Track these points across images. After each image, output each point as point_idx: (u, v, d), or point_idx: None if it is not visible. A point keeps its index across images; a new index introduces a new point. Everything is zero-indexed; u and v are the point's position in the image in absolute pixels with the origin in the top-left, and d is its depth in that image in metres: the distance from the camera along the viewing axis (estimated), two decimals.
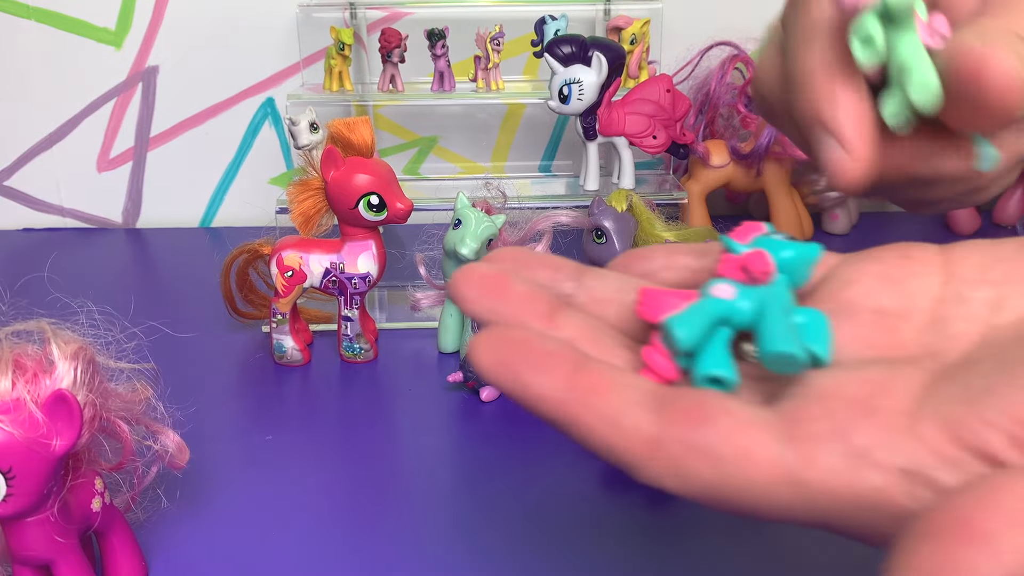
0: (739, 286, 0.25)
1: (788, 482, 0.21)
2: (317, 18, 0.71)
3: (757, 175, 0.70)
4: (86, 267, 0.71)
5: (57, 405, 0.30)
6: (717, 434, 0.22)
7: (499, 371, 0.24)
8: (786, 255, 0.26)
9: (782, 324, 0.24)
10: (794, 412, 0.22)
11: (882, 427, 0.21)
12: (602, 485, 0.43)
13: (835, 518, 0.22)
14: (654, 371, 0.25)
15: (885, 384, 0.23)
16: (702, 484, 0.22)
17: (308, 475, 0.44)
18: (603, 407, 0.23)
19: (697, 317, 0.25)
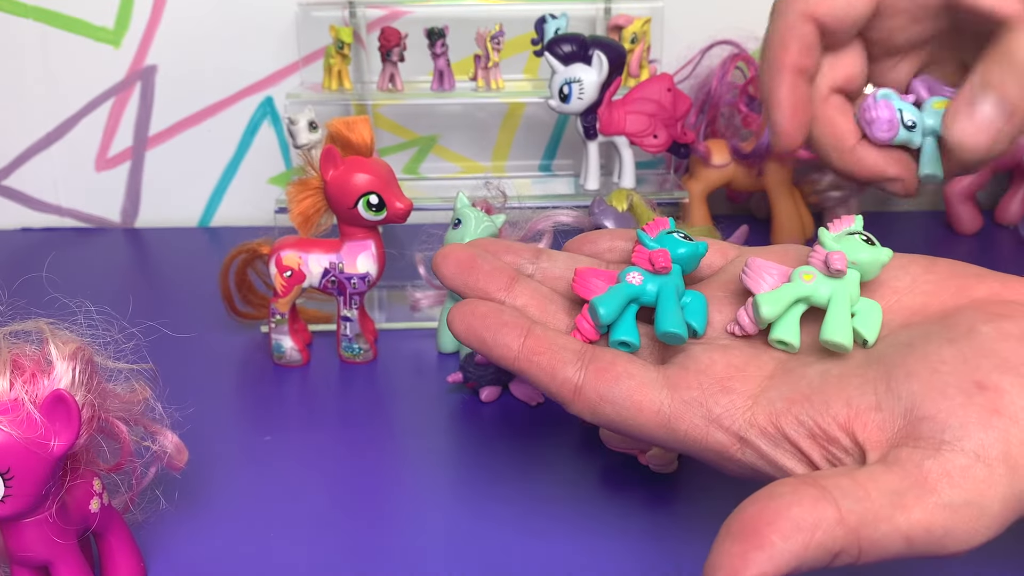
0: (646, 274, 0.35)
1: (664, 428, 0.31)
2: (316, 17, 0.71)
3: (758, 175, 0.70)
4: (84, 267, 0.71)
5: (55, 405, 0.30)
6: (620, 390, 0.32)
7: (469, 336, 0.34)
8: (681, 251, 0.36)
9: (674, 309, 0.34)
10: (676, 379, 0.32)
11: (732, 404, 0.31)
12: (602, 485, 0.42)
13: (694, 454, 0.32)
14: (582, 333, 0.35)
15: (742, 369, 0.32)
16: (608, 421, 0.32)
17: (307, 476, 0.44)
18: (543, 363, 0.33)
19: (615, 297, 0.34)
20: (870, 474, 0.27)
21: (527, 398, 0.49)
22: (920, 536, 0.26)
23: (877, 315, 0.32)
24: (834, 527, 0.25)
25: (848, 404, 0.29)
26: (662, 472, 0.43)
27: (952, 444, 0.27)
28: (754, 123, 0.68)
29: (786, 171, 0.70)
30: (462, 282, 0.36)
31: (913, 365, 0.29)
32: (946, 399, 0.28)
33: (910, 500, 0.26)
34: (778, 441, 0.30)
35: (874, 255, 0.33)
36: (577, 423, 0.47)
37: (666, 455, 0.42)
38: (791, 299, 0.32)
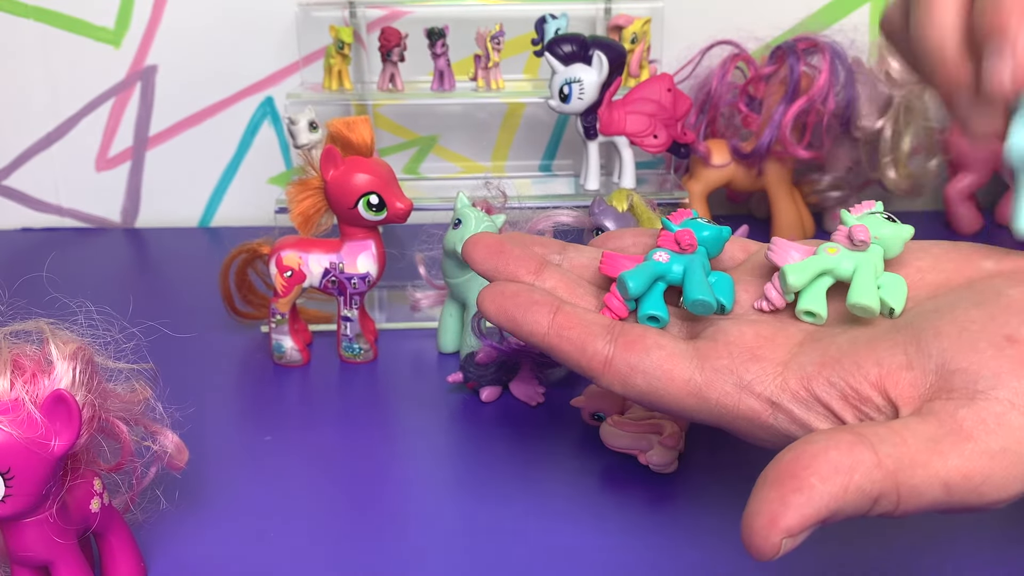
0: (672, 254, 0.36)
1: (696, 396, 0.32)
2: (316, 17, 0.71)
3: (758, 175, 0.70)
4: (85, 267, 0.71)
5: (56, 405, 0.30)
6: (651, 360, 0.32)
7: (500, 316, 0.34)
8: (706, 234, 0.37)
9: (701, 280, 0.34)
10: (706, 350, 0.32)
11: (762, 371, 0.31)
12: (602, 485, 0.42)
13: (726, 424, 0.32)
14: (611, 310, 0.35)
15: (772, 339, 0.32)
16: (638, 392, 0.32)
17: (307, 476, 0.44)
18: (573, 338, 0.33)
19: (643, 273, 0.35)
20: (905, 423, 0.27)
21: (527, 398, 0.49)
22: (958, 482, 0.26)
23: (902, 287, 0.33)
24: (872, 470, 0.25)
25: (879, 364, 0.29)
26: (662, 472, 0.43)
27: (986, 393, 0.27)
28: (754, 123, 0.68)
29: (786, 171, 0.70)
30: (492, 266, 0.37)
31: (942, 326, 0.29)
32: (977, 352, 0.28)
33: (947, 446, 0.26)
34: (810, 404, 0.30)
35: (896, 230, 0.34)
36: (577, 423, 0.47)
37: (666, 455, 0.42)
38: (817, 270, 0.33)
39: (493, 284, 0.35)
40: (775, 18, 0.74)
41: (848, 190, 0.72)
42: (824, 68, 0.65)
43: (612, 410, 0.45)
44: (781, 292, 0.34)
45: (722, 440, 0.46)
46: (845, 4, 0.75)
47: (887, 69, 0.68)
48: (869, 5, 0.75)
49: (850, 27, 0.72)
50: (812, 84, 0.66)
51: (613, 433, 0.43)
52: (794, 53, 0.66)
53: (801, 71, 0.66)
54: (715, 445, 0.45)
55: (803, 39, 0.67)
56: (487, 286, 0.35)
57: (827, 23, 0.74)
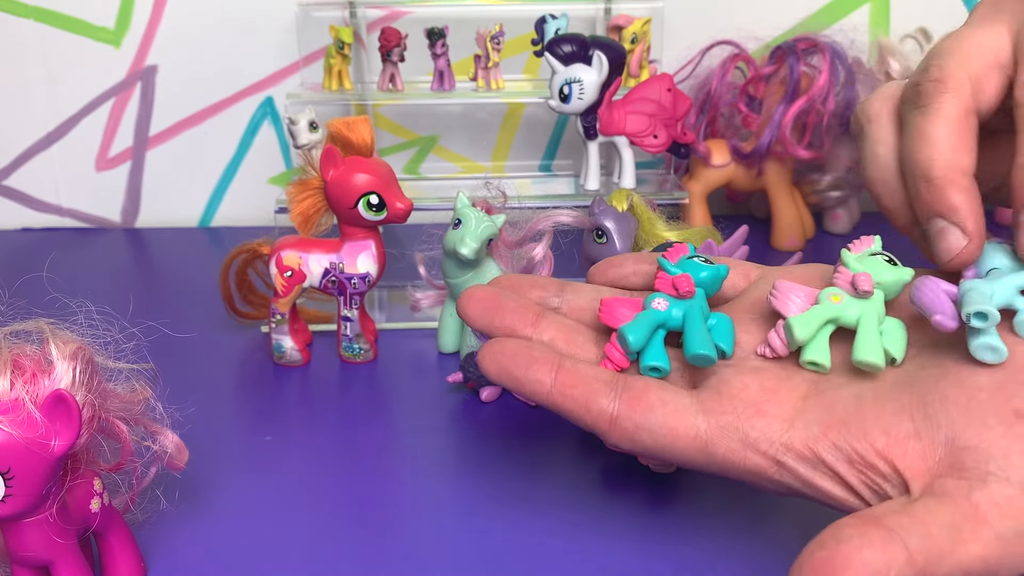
0: (671, 299, 0.36)
1: (701, 452, 0.32)
2: (316, 17, 0.71)
3: (758, 175, 0.70)
4: (85, 267, 0.71)
5: (56, 405, 0.30)
6: (655, 418, 0.32)
7: (501, 375, 0.34)
8: (703, 275, 0.37)
9: (701, 331, 0.34)
10: (710, 403, 0.32)
11: (767, 427, 0.31)
12: (602, 485, 0.42)
13: (732, 476, 0.32)
14: (612, 362, 0.35)
15: (776, 392, 0.32)
16: (645, 448, 0.33)
17: (307, 476, 0.44)
18: (577, 396, 0.33)
19: (642, 325, 0.35)
20: (926, 508, 0.27)
21: (527, 398, 0.49)
22: (977, 568, 0.26)
23: (902, 333, 0.33)
24: (904, 567, 0.25)
25: (886, 432, 0.29)
26: (662, 472, 0.43)
27: (997, 475, 0.27)
28: (754, 123, 0.68)
29: (786, 171, 0.70)
30: (488, 322, 0.37)
31: (948, 391, 0.30)
32: (987, 429, 0.28)
33: (967, 534, 0.26)
34: (815, 465, 0.30)
35: (897, 275, 0.34)
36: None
37: None
38: (822, 320, 0.33)
39: (492, 342, 0.35)
40: (775, 18, 0.74)
41: (848, 190, 0.72)
42: (824, 68, 0.65)
43: None
44: (785, 342, 0.34)
45: None
46: (845, 4, 0.75)
47: (887, 69, 0.68)
48: (869, 5, 0.75)
49: (850, 27, 0.72)
50: (812, 84, 0.66)
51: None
52: (794, 53, 0.66)
53: (801, 71, 0.66)
54: None
55: (803, 39, 0.67)
56: (486, 344, 0.35)
57: (827, 23, 0.74)
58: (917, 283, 0.32)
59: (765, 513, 0.40)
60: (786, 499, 0.41)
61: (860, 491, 0.30)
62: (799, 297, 0.34)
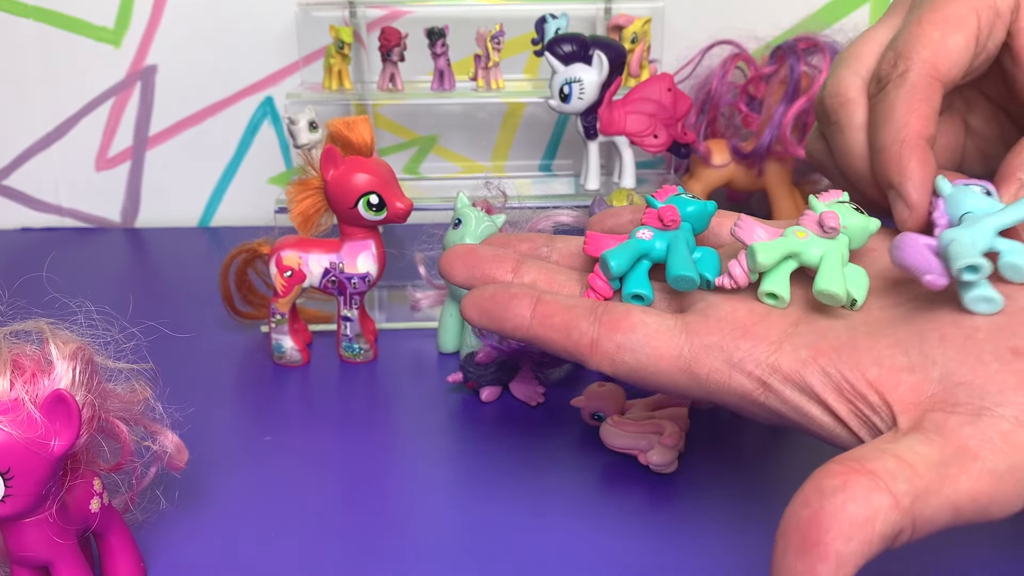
0: (655, 231, 0.35)
1: (685, 373, 0.31)
2: (316, 17, 0.71)
3: (759, 174, 0.69)
4: (84, 267, 0.71)
5: (56, 405, 0.30)
6: (637, 337, 0.32)
7: (483, 319, 0.34)
8: (690, 209, 0.36)
9: (684, 255, 0.34)
10: (695, 325, 0.32)
11: (754, 348, 0.31)
12: (602, 484, 0.42)
13: (717, 399, 0.32)
14: (595, 291, 0.35)
15: (766, 316, 0.32)
16: (627, 370, 0.32)
17: (307, 476, 0.43)
18: (556, 323, 0.33)
19: (625, 251, 0.35)
20: (911, 448, 0.26)
21: (527, 398, 0.49)
22: (967, 505, 0.26)
23: (865, 278, 0.32)
24: (890, 512, 0.25)
25: (879, 363, 0.29)
26: (662, 472, 0.43)
27: (991, 410, 0.27)
28: (754, 123, 0.68)
29: (786, 171, 0.70)
30: (468, 275, 0.37)
31: (946, 329, 0.29)
32: (982, 365, 0.27)
33: (955, 470, 0.26)
34: (803, 389, 0.30)
35: (863, 222, 0.34)
36: (577, 423, 0.47)
37: (666, 455, 0.42)
38: (785, 251, 0.32)
39: (472, 290, 0.35)
40: (775, 18, 0.74)
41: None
42: (824, 68, 0.65)
43: (612, 410, 0.45)
44: (746, 270, 0.33)
45: (722, 440, 0.46)
46: (845, 4, 0.75)
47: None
48: (869, 5, 0.75)
49: (850, 27, 0.72)
50: (812, 84, 0.66)
51: (613, 433, 0.43)
52: (794, 53, 0.66)
53: (801, 71, 0.66)
54: (715, 445, 0.45)
55: (803, 39, 0.67)
56: (467, 294, 0.35)
57: (827, 23, 0.74)
58: (897, 242, 0.31)
59: (765, 513, 0.40)
60: (786, 500, 0.41)
61: (848, 421, 0.29)
62: (764, 230, 0.34)
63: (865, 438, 0.29)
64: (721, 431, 0.47)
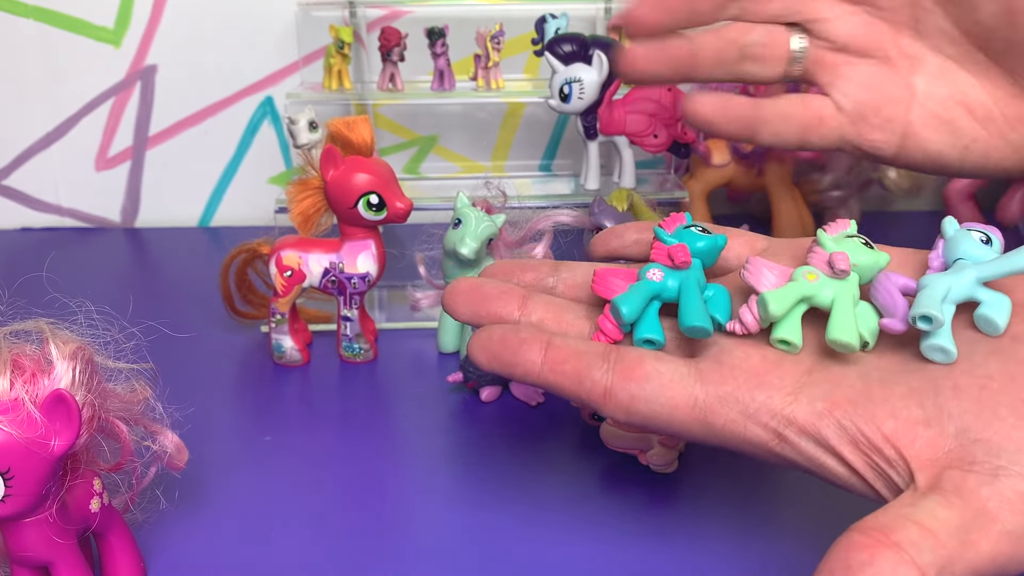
0: (666, 270, 0.35)
1: (700, 423, 0.31)
2: (316, 16, 0.70)
3: (758, 174, 0.69)
4: (84, 267, 0.71)
5: (55, 405, 0.30)
6: (651, 388, 0.31)
7: (492, 363, 0.33)
8: (700, 245, 0.35)
9: (696, 302, 0.33)
10: (709, 374, 0.31)
11: (769, 400, 0.30)
12: (602, 485, 0.42)
13: (732, 448, 0.31)
14: (605, 334, 0.34)
15: (779, 364, 0.31)
16: (641, 419, 0.32)
17: (307, 476, 0.43)
18: (568, 371, 0.32)
19: (636, 296, 0.34)
20: (932, 514, 0.26)
21: (527, 398, 0.49)
22: (987, 567, 0.26)
23: (874, 317, 0.32)
24: None
25: (894, 416, 0.29)
26: (662, 472, 0.43)
27: (1008, 469, 0.27)
28: None
29: (786, 171, 0.70)
30: (473, 312, 0.36)
31: (959, 378, 0.29)
32: (998, 420, 0.27)
33: (976, 535, 0.26)
34: (818, 442, 0.30)
35: (873, 258, 0.33)
36: (577, 423, 0.47)
37: (666, 455, 0.42)
38: (796, 297, 0.32)
39: (480, 331, 0.34)
40: None
41: (848, 190, 0.72)
42: None
43: None
44: (757, 318, 0.32)
45: None
46: None
47: None
48: None
49: None
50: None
51: (613, 433, 0.43)
52: None
53: None
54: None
55: None
56: (475, 334, 0.34)
57: None
58: (874, 281, 0.31)
59: (765, 513, 0.40)
60: (786, 500, 0.41)
61: (864, 473, 0.29)
62: (773, 273, 0.33)
63: (880, 489, 0.29)
64: None
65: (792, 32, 0.43)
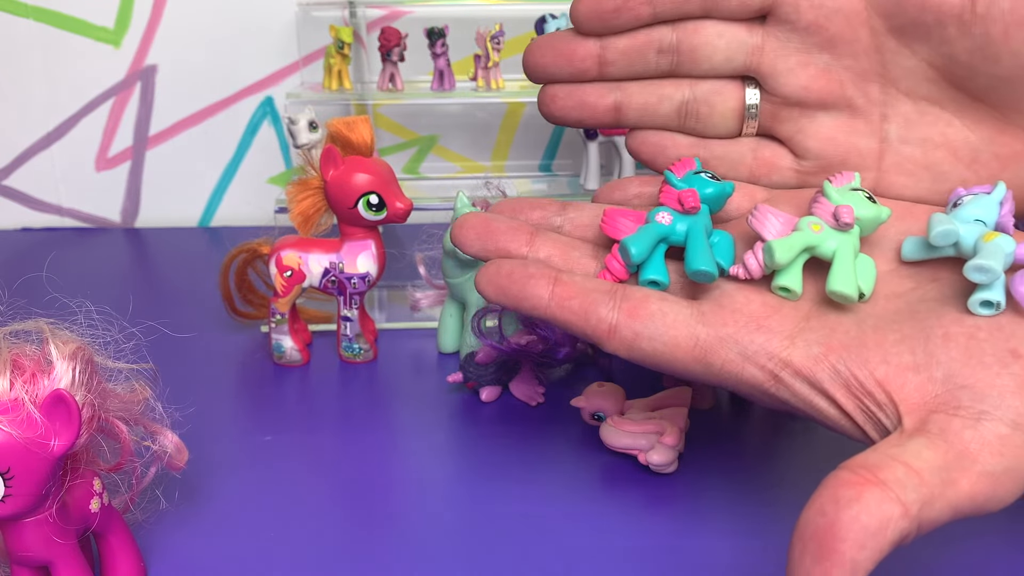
0: (675, 214, 0.35)
1: (699, 362, 0.32)
2: (316, 17, 0.71)
3: None
4: (84, 267, 0.71)
5: (55, 405, 0.30)
6: (655, 327, 0.33)
7: (499, 296, 0.34)
8: (709, 191, 0.36)
9: (703, 248, 0.34)
10: (711, 315, 0.33)
11: (767, 342, 0.32)
12: (602, 484, 0.42)
13: (729, 387, 0.33)
14: (612, 273, 0.35)
15: (778, 309, 0.33)
16: (643, 355, 0.33)
17: (307, 476, 0.44)
18: (575, 307, 0.33)
19: (645, 237, 0.35)
20: (918, 454, 0.27)
21: (527, 398, 0.49)
22: (966, 504, 0.27)
23: (872, 269, 0.33)
24: (900, 521, 0.26)
25: (886, 361, 0.30)
26: (662, 472, 0.43)
27: (990, 413, 0.28)
28: None
29: None
30: (482, 246, 0.37)
31: (950, 327, 0.30)
32: (984, 368, 0.29)
33: (957, 474, 0.27)
34: (812, 384, 0.31)
35: (876, 212, 0.34)
36: (577, 423, 0.47)
37: (666, 455, 0.42)
38: (801, 247, 0.33)
39: (488, 264, 0.35)
40: None
41: None
42: None
43: (612, 410, 0.45)
44: (762, 264, 0.33)
45: (722, 440, 0.46)
46: None
47: None
48: None
49: None
50: None
51: (613, 433, 0.43)
52: None
53: None
54: (715, 445, 0.45)
55: None
56: (482, 267, 0.35)
57: None
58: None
59: (765, 514, 0.40)
60: (785, 501, 0.41)
61: (854, 415, 0.30)
62: (779, 220, 0.34)
63: (870, 431, 0.30)
64: (721, 431, 0.47)
65: (746, 85, 0.40)
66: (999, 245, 0.30)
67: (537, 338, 0.48)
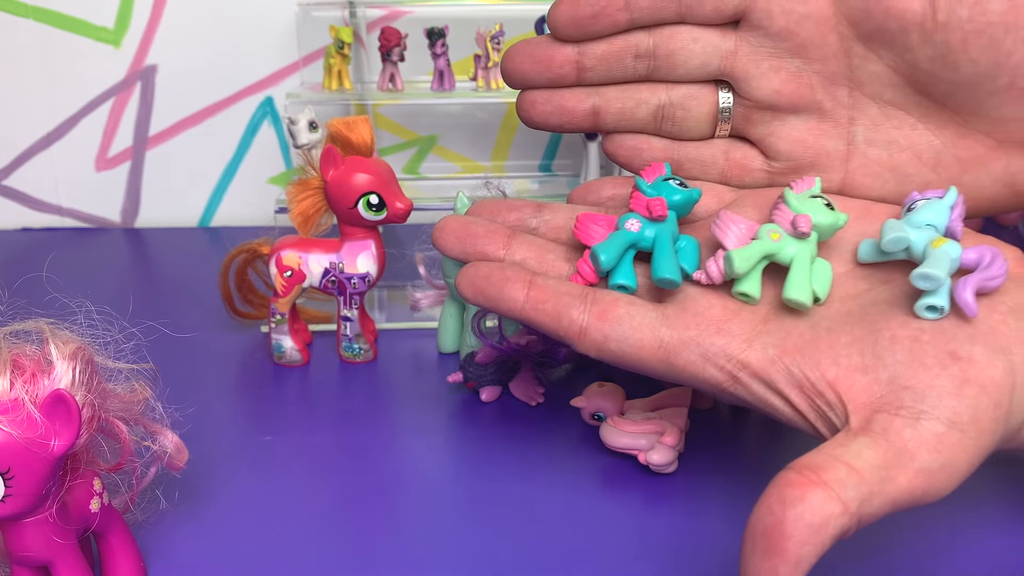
0: (644, 221, 0.37)
1: (663, 362, 0.34)
2: (316, 17, 0.71)
3: None
4: (84, 267, 0.71)
5: (55, 405, 0.30)
6: (622, 330, 0.35)
7: (477, 297, 0.37)
8: (676, 198, 0.38)
9: (669, 255, 0.36)
10: (675, 319, 0.35)
11: (727, 345, 0.34)
12: (602, 485, 0.42)
13: (692, 385, 0.35)
14: (583, 277, 0.37)
15: (738, 313, 0.35)
16: (612, 357, 0.35)
17: (307, 476, 0.44)
18: (548, 310, 0.35)
19: (614, 245, 0.37)
20: (859, 454, 0.29)
21: (527, 398, 0.49)
22: (903, 499, 0.29)
23: (829, 274, 0.35)
24: (840, 518, 0.28)
25: (837, 363, 0.32)
26: (662, 472, 0.43)
27: (929, 413, 0.30)
28: None
29: None
30: (461, 250, 0.39)
31: (897, 330, 0.32)
32: (925, 369, 0.30)
33: (895, 471, 0.29)
34: (768, 385, 0.33)
35: (833, 219, 0.36)
36: (577, 423, 0.47)
37: (666, 455, 0.42)
38: (760, 255, 0.35)
39: (467, 266, 0.37)
40: None
41: None
42: None
43: (612, 410, 0.45)
44: (722, 272, 0.35)
45: (722, 440, 0.46)
46: None
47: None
48: None
49: None
50: None
51: (613, 433, 0.43)
52: None
53: None
54: (715, 445, 0.45)
55: None
56: (462, 269, 0.37)
57: None
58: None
59: None
60: None
61: (807, 414, 0.32)
62: (740, 228, 0.36)
63: (820, 428, 0.32)
64: (721, 431, 0.47)
65: (719, 89, 0.41)
66: (946, 252, 0.32)
67: (537, 338, 0.48)
